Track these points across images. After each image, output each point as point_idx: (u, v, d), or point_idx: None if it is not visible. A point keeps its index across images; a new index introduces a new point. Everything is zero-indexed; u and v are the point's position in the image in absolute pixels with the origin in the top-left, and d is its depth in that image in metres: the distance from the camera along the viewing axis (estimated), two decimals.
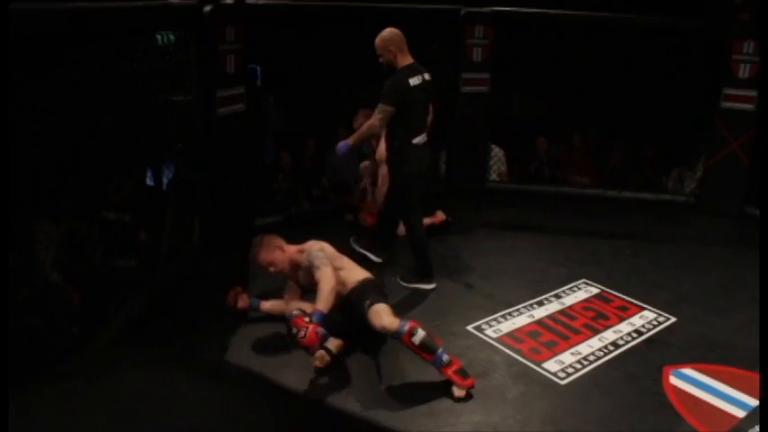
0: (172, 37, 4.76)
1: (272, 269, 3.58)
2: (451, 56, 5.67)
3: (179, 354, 3.46)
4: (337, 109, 5.82)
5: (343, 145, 3.98)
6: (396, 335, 3.13)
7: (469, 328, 3.75)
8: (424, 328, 3.12)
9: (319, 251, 3.48)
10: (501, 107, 6.16)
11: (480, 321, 3.82)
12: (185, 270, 4.22)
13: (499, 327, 3.77)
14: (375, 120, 3.84)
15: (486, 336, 3.67)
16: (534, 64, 6.39)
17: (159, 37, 4.79)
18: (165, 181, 5.18)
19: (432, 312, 3.91)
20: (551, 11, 5.62)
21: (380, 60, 3.88)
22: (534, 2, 5.67)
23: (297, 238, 3.75)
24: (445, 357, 3.10)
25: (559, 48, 6.27)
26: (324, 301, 3.18)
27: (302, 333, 3.02)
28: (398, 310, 3.86)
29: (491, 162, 6.11)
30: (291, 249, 3.64)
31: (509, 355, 3.49)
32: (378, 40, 3.87)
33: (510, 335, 3.69)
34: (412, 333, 3.08)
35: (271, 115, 5.74)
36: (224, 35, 4.17)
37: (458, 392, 3.09)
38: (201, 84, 4.16)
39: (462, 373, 3.12)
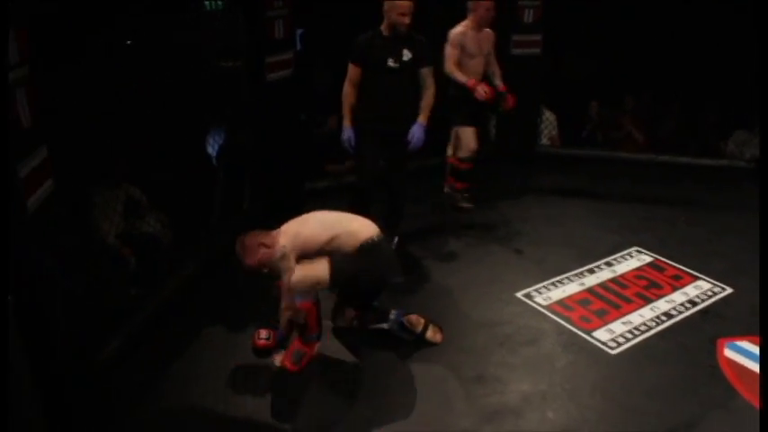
0: (220, 2, 4.78)
1: (265, 270, 3.12)
2: (501, 17, 5.52)
3: (232, 317, 3.55)
4: None
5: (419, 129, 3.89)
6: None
7: (519, 295, 3.73)
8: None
9: (280, 258, 3.04)
10: (552, 70, 6.00)
11: (530, 288, 3.79)
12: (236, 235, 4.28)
13: (549, 294, 3.74)
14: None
15: (536, 303, 3.65)
16: (586, 24, 6.19)
17: (207, 3, 4.82)
18: (214, 147, 5.24)
19: (481, 278, 3.90)
20: None
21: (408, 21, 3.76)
22: None
23: (345, 201, 3.80)
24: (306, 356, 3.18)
25: (613, 7, 6.05)
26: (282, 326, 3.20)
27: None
28: (446, 276, 3.90)
29: (542, 126, 5.99)
30: (275, 240, 3.11)
31: (558, 323, 3.47)
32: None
33: (560, 302, 3.65)
34: (297, 310, 3.12)
35: (319, 79, 5.71)
36: (272, 1, 4.16)
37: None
38: (250, 50, 4.16)
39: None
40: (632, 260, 4.12)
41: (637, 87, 6.41)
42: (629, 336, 3.33)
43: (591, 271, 4.00)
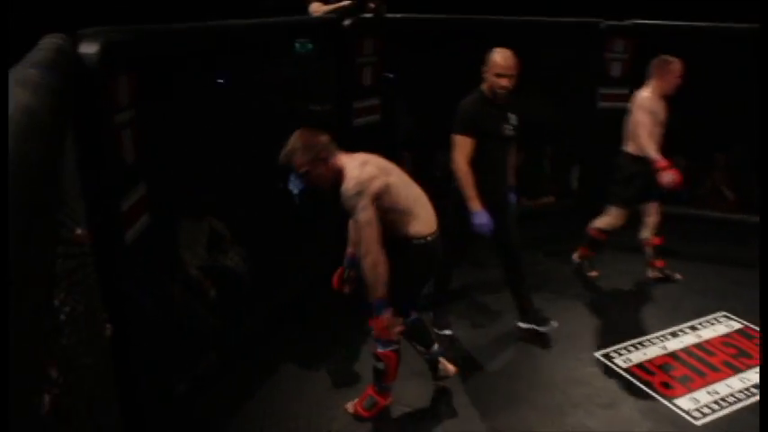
0: (309, 45, 4.93)
1: (306, 184, 2.82)
2: (587, 70, 5.50)
3: (307, 357, 3.60)
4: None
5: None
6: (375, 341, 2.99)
7: (597, 354, 3.63)
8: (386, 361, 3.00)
9: (361, 198, 2.68)
10: None
11: (609, 349, 3.69)
12: (317, 274, 4.35)
13: (629, 356, 3.62)
14: None
15: (615, 364, 3.54)
16: (695, 77, 6.06)
17: (297, 45, 4.98)
18: (296, 186, 5.35)
19: (558, 334, 3.80)
20: (700, 23, 5.32)
21: (511, 84, 3.46)
22: (675, 13, 5.40)
23: None
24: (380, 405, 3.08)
25: (702, 59, 5.92)
26: (373, 290, 2.72)
27: (379, 331, 2.82)
28: (522, 329, 3.83)
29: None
30: (340, 165, 2.80)
31: (638, 387, 3.35)
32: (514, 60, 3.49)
33: (640, 366, 3.53)
34: (377, 357, 2.99)
35: (402, 122, 5.79)
36: (362, 48, 4.27)
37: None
38: (339, 94, 4.27)
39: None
40: (719, 326, 3.95)
41: (726, 142, 6.20)
42: (716, 407, 3.18)
43: (674, 334, 3.85)
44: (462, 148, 3.43)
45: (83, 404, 1.44)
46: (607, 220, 4.39)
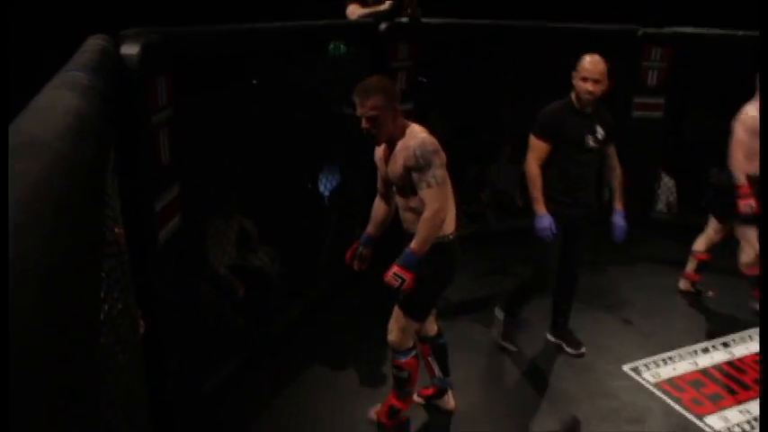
0: (342, 48, 4.95)
1: (367, 126, 2.68)
2: (623, 78, 5.44)
3: (333, 359, 3.61)
4: (501, 126, 5.79)
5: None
6: (393, 354, 2.98)
7: (625, 368, 3.59)
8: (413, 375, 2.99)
9: (438, 156, 2.64)
10: (674, 133, 5.82)
11: (638, 362, 3.64)
12: (344, 276, 4.36)
13: (658, 371, 3.57)
14: None
15: (644, 379, 3.49)
16: (712, 86, 5.97)
17: (330, 47, 5.01)
18: (326, 187, 5.39)
19: (587, 346, 3.77)
20: (739, 32, 5.24)
21: (598, 89, 3.36)
22: (715, 20, 5.32)
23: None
24: (402, 412, 3.08)
25: (742, 67, 5.82)
26: (423, 242, 2.64)
27: (399, 284, 2.65)
28: (550, 340, 3.80)
29: (659, 191, 5.79)
30: (406, 123, 2.76)
31: (667, 403, 3.30)
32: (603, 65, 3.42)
33: (669, 381, 3.48)
34: (398, 367, 2.97)
35: (435, 129, 5.80)
36: (397, 52, 4.28)
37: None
38: None
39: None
40: (752, 343, 3.88)
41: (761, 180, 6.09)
42: (747, 427, 3.12)
43: (705, 350, 3.79)
44: (536, 150, 3.39)
45: (117, 402, 1.47)
46: (708, 237, 4.31)
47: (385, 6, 4.36)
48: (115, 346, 1.40)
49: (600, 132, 3.40)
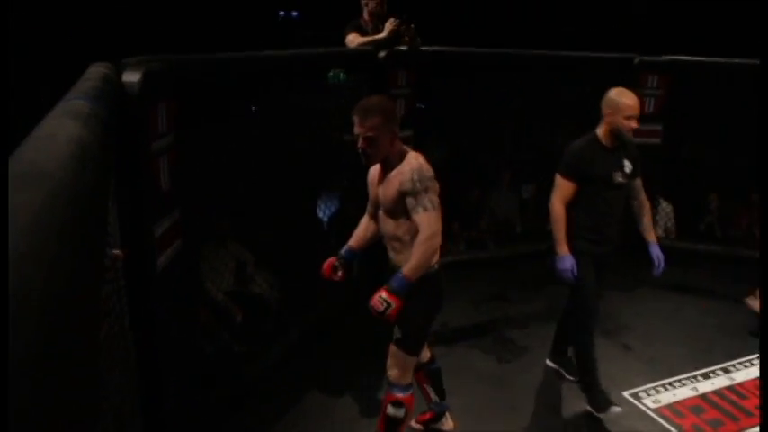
0: (342, 75, 5.01)
1: (363, 146, 2.63)
2: None
3: (332, 387, 3.59)
4: (501, 152, 5.83)
5: None
6: (388, 386, 2.86)
7: (625, 394, 3.57)
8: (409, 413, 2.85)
9: (434, 183, 2.61)
10: (671, 160, 5.86)
11: (638, 388, 3.63)
12: (343, 302, 4.36)
13: (658, 396, 3.56)
14: None
15: (644, 405, 3.48)
16: (709, 113, 6.02)
17: (330, 75, 5.06)
18: (325, 213, 5.41)
19: None
20: (736, 60, 5.30)
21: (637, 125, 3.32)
22: (710, 48, 5.38)
23: (447, 285, 3.77)
24: None
25: (739, 96, 5.88)
26: (416, 267, 2.58)
27: (384, 309, 2.57)
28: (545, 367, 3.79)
29: (657, 217, 5.81)
30: (402, 148, 2.72)
31: (668, 429, 3.29)
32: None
33: (670, 407, 3.46)
34: (396, 403, 2.81)
35: (432, 155, 5.83)
36: (396, 80, 4.32)
37: None
38: None
39: None
40: (753, 368, 3.86)
41: (762, 180, 6.12)
42: None
43: (705, 376, 3.78)
44: (561, 189, 3.30)
45: (112, 421, 1.47)
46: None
47: (383, 35, 4.41)
48: (111, 368, 1.41)
49: (628, 166, 3.33)
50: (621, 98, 3.27)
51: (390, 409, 2.83)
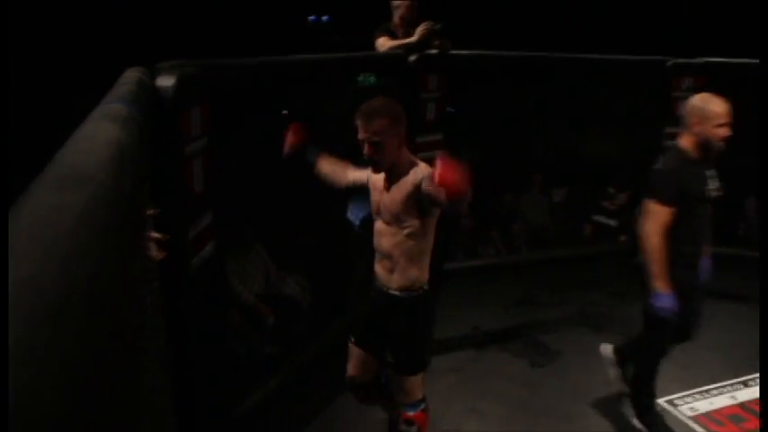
0: (372, 79, 5.01)
1: (369, 152, 2.49)
2: (655, 109, 5.42)
3: None
4: (532, 156, 5.79)
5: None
6: (403, 407, 2.75)
7: (661, 401, 3.51)
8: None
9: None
10: None
11: (674, 396, 3.56)
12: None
13: (695, 404, 3.49)
14: None
15: (680, 412, 3.42)
16: (745, 117, 5.90)
17: (360, 79, 5.07)
18: (357, 216, 5.41)
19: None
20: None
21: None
22: (748, 49, 5.27)
23: (478, 288, 3.75)
24: None
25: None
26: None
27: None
28: (583, 371, 3.74)
29: None
30: (410, 155, 2.63)
31: None
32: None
33: (707, 415, 3.40)
34: (408, 422, 2.72)
35: (462, 159, 5.81)
36: (426, 83, 4.31)
37: None
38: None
39: None
40: None
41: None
42: None
43: (745, 384, 3.70)
44: (659, 218, 2.96)
45: (149, 421, 1.49)
46: None
47: (414, 38, 4.40)
48: (144, 370, 1.42)
49: (715, 178, 3.08)
50: (709, 105, 2.97)
51: (403, 427, 2.76)
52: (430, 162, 4.34)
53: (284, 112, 5.00)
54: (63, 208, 0.60)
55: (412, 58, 4.28)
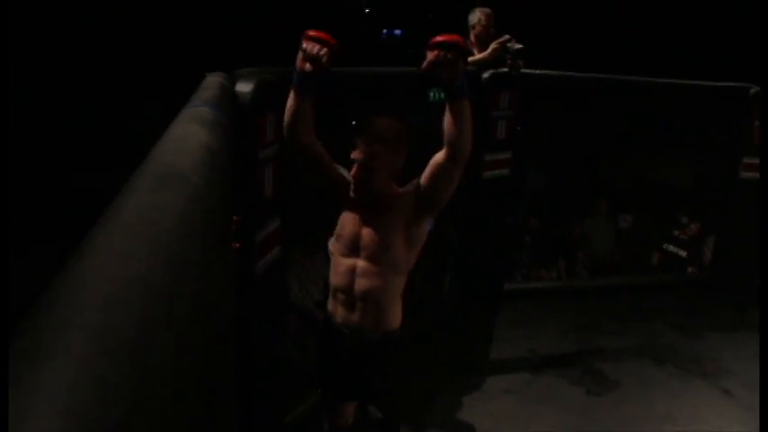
0: (443, 95, 5.01)
1: (357, 176, 2.20)
2: (732, 137, 5.25)
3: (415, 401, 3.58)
4: (598, 180, 5.69)
5: None
6: None
7: None
8: None
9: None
10: None
11: None
12: (432, 322, 4.35)
13: None
14: None
15: None
16: None
17: (432, 94, 5.09)
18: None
19: (679, 414, 3.58)
20: None
21: None
22: None
23: (537, 311, 3.68)
24: None
25: None
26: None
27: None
28: (640, 406, 3.64)
29: None
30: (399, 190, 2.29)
31: None
32: None
33: None
34: None
35: (529, 180, 5.75)
36: (497, 101, 4.29)
37: None
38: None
39: None
40: None
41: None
42: None
43: None
44: None
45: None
46: None
47: (486, 54, 4.39)
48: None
49: None
50: None
51: None
52: (494, 182, 4.33)
53: (353, 122, 5.06)
54: (164, 207, 0.63)
55: (485, 75, 4.28)
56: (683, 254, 5.65)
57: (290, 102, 2.15)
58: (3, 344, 0.39)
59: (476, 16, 4.70)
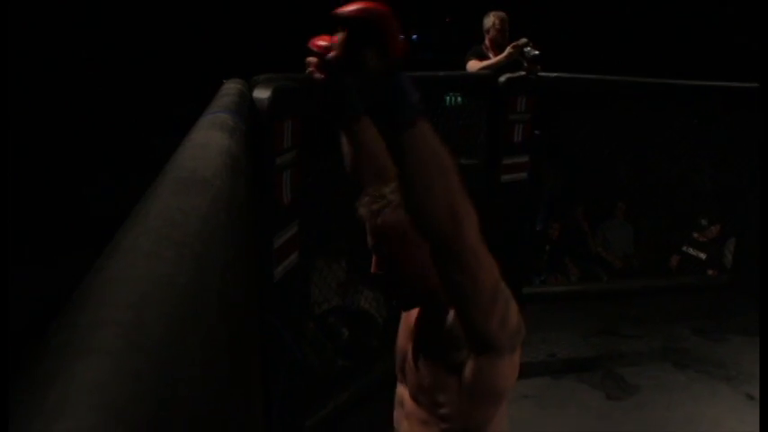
0: (459, 99, 5.02)
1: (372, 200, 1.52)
2: (753, 140, 5.19)
3: None
4: (616, 183, 5.65)
5: None
6: None
7: None
8: None
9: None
10: None
11: None
12: None
13: None
14: None
15: None
16: None
17: (448, 98, 5.09)
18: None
19: (701, 419, 3.55)
20: None
21: None
22: None
23: (557, 315, 3.66)
24: None
25: None
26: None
27: None
28: (660, 408, 3.61)
29: None
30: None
31: None
32: None
33: None
34: None
35: (547, 183, 5.73)
36: (515, 105, 4.28)
37: None
38: (489, 150, 4.30)
39: None
40: None
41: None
42: None
43: None
44: None
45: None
46: None
47: (502, 56, 4.39)
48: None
49: None
50: None
51: None
52: (512, 186, 4.32)
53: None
54: (188, 210, 0.64)
55: (501, 79, 4.27)
56: (703, 256, 5.59)
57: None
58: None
59: (490, 20, 4.70)
